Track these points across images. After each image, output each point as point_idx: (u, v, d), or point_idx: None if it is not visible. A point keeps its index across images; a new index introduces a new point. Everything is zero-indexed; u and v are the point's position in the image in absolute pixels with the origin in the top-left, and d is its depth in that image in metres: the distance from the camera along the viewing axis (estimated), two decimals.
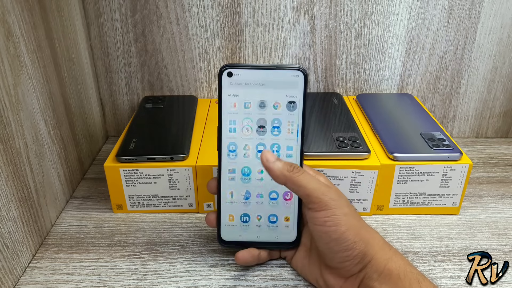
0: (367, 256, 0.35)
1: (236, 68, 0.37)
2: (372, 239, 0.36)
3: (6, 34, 0.39)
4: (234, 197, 0.41)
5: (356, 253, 0.35)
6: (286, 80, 0.38)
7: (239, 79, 0.38)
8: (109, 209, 0.51)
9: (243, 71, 0.38)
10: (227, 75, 0.38)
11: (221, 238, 0.42)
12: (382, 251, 0.36)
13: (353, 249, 0.35)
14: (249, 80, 0.38)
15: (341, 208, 0.36)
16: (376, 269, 0.35)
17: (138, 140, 0.50)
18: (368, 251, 0.35)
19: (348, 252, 0.35)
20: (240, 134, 0.39)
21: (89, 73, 0.60)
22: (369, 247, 0.35)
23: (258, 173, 0.40)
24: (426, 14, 0.59)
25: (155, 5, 0.57)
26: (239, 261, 0.41)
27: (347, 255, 0.35)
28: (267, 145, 0.39)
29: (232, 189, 0.41)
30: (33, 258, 0.44)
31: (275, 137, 0.39)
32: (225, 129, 0.39)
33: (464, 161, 0.47)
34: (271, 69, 0.37)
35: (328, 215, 0.35)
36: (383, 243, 0.37)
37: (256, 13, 0.58)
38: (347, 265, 0.36)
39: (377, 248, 0.36)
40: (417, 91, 0.64)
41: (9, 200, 0.39)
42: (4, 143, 0.38)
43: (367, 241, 0.36)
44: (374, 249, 0.35)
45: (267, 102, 0.38)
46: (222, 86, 0.38)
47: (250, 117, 0.39)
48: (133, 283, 0.41)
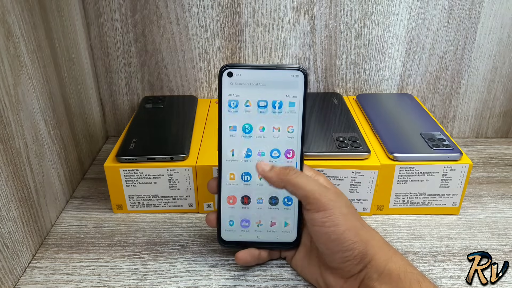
0: (367, 256, 0.35)
1: (236, 68, 0.37)
2: (372, 239, 0.36)
3: (6, 34, 0.39)
4: (234, 200, 0.41)
5: (356, 254, 0.35)
6: (286, 80, 0.38)
7: (239, 79, 0.38)
8: (109, 209, 0.51)
9: (243, 71, 0.38)
10: (228, 75, 0.38)
11: (221, 238, 0.42)
12: (382, 251, 0.36)
13: (353, 250, 0.35)
14: (249, 80, 0.38)
15: (339, 209, 0.36)
16: (376, 269, 0.35)
17: (138, 140, 0.50)
18: (368, 251, 0.35)
19: (348, 252, 0.35)
20: (240, 134, 0.39)
21: (89, 73, 0.60)
22: (369, 247, 0.35)
23: (258, 175, 0.40)
24: (426, 14, 0.59)
25: (155, 5, 0.57)
26: (239, 261, 0.41)
27: (347, 256, 0.35)
28: (267, 145, 0.39)
29: (232, 191, 0.41)
30: (33, 258, 0.44)
31: (275, 137, 0.39)
32: (225, 129, 0.39)
33: (464, 161, 0.47)
34: (271, 69, 0.37)
35: (326, 216, 0.35)
36: (383, 243, 0.37)
37: (256, 13, 0.58)
38: (347, 265, 0.36)
39: (377, 248, 0.36)
40: (417, 91, 0.64)
41: (9, 200, 0.39)
42: (4, 143, 0.38)
43: (366, 241, 0.35)
44: (374, 249, 0.35)
45: (267, 102, 0.38)
46: (222, 86, 0.38)
47: (251, 117, 0.39)
48: (133, 283, 0.41)
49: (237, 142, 0.39)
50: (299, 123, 0.39)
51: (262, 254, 0.42)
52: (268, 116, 0.39)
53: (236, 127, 0.39)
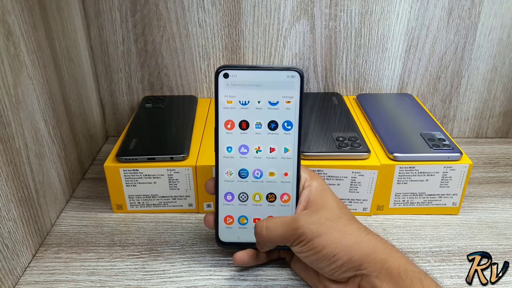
0: (354, 262, 0.35)
1: (232, 69, 0.37)
2: (357, 245, 0.35)
3: (6, 34, 0.39)
4: (232, 199, 0.41)
5: (341, 263, 0.35)
6: (283, 80, 0.38)
7: (235, 80, 0.38)
8: (109, 209, 0.51)
9: (239, 72, 0.38)
10: (223, 76, 0.38)
11: (219, 239, 0.42)
12: (373, 253, 0.35)
13: (336, 261, 0.35)
14: (246, 81, 0.38)
15: (314, 231, 0.36)
16: (374, 269, 0.35)
17: (138, 140, 0.50)
18: (353, 257, 0.35)
19: (332, 265, 0.35)
20: (237, 135, 0.39)
21: (89, 73, 0.60)
22: (353, 253, 0.35)
23: (255, 174, 0.40)
24: (426, 14, 0.59)
25: (155, 5, 0.57)
26: (237, 262, 0.41)
27: (333, 268, 0.36)
28: (263, 145, 0.39)
29: (229, 190, 0.41)
30: (33, 258, 0.44)
31: (272, 137, 0.39)
32: (221, 130, 0.39)
33: (464, 161, 0.47)
34: (267, 70, 0.37)
35: (302, 246, 0.36)
36: (375, 242, 0.36)
37: (256, 13, 0.58)
38: (338, 274, 0.36)
39: (367, 251, 0.35)
40: (417, 91, 0.64)
41: (9, 200, 0.39)
42: (4, 143, 0.38)
43: (350, 248, 0.35)
44: (362, 253, 0.35)
45: (263, 102, 0.38)
46: (218, 87, 0.38)
47: (247, 118, 0.39)
48: (133, 283, 0.41)
49: (234, 143, 0.39)
50: (295, 123, 0.39)
51: (260, 255, 0.42)
52: (264, 117, 0.39)
53: (233, 128, 0.39)
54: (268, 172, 0.40)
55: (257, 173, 0.40)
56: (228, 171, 0.40)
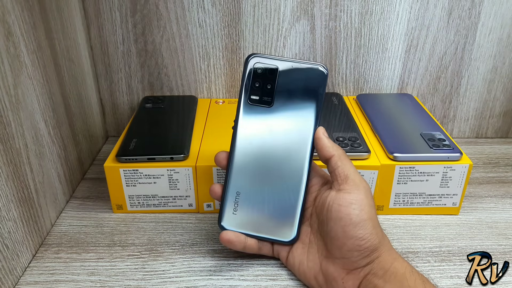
0: (376, 252, 0.36)
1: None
2: (384, 238, 0.37)
3: (6, 34, 0.39)
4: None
5: (368, 245, 0.35)
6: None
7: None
8: (109, 209, 0.51)
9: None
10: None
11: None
12: (389, 251, 0.36)
13: (367, 240, 0.35)
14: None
15: (367, 197, 0.37)
16: (382, 266, 0.35)
17: (138, 140, 0.50)
18: (379, 247, 0.36)
19: (362, 241, 0.35)
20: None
21: (89, 73, 0.60)
22: (380, 244, 0.36)
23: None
24: (426, 14, 0.59)
25: (155, 5, 0.57)
26: (223, 241, 0.40)
27: (359, 245, 0.35)
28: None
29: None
30: (33, 258, 0.44)
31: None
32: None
33: (464, 161, 0.47)
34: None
35: (355, 198, 0.36)
36: (391, 245, 0.38)
37: (256, 13, 0.58)
38: (355, 255, 0.36)
39: (387, 247, 0.37)
40: (417, 91, 0.64)
41: (9, 200, 0.39)
42: (4, 143, 0.38)
43: (381, 237, 0.36)
44: (384, 247, 0.36)
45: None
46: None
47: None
48: (133, 283, 0.41)
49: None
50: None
51: (249, 241, 0.40)
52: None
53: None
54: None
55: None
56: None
